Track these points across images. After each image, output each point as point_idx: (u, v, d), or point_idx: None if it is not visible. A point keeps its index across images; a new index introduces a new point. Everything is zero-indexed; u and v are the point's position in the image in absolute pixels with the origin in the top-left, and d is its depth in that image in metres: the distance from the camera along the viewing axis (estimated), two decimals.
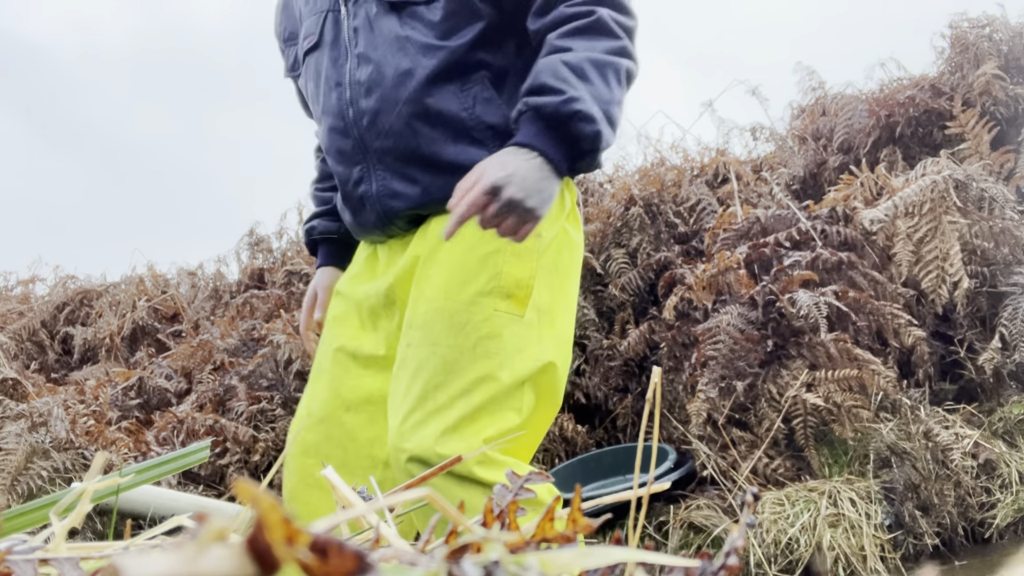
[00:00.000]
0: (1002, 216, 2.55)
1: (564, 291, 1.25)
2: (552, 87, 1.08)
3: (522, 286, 1.18)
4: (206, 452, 0.82)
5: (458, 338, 1.15)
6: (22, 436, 2.40)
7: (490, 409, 1.13)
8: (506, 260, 1.18)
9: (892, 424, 2.40)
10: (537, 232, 1.18)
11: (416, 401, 1.13)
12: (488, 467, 1.10)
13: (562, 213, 1.24)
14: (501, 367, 1.14)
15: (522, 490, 0.46)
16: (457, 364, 1.13)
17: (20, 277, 4.59)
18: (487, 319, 1.16)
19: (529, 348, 1.16)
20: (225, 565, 0.20)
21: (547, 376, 1.19)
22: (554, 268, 1.22)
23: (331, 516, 0.29)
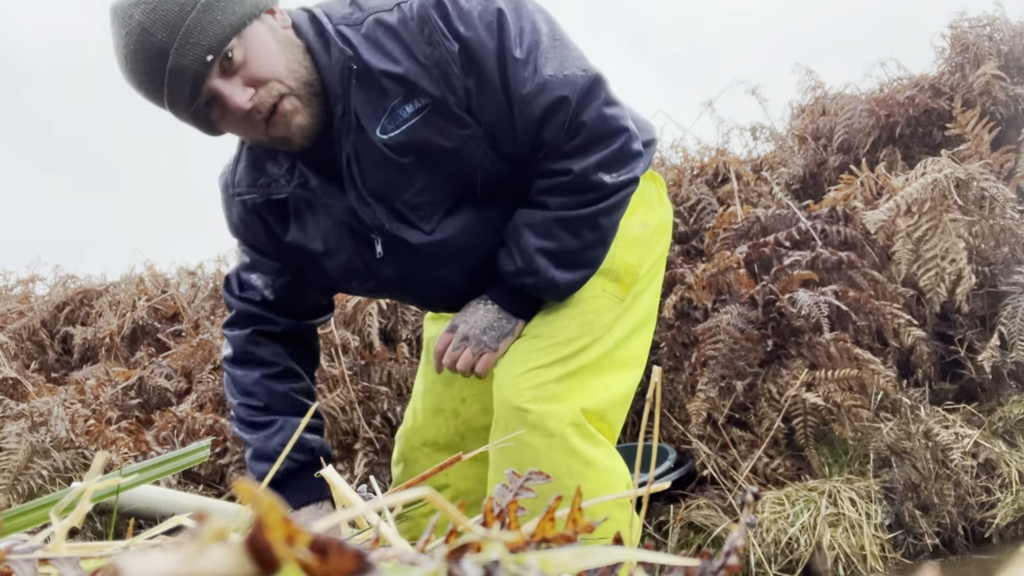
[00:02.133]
0: (1002, 215, 2.55)
1: (656, 275, 1.40)
2: (511, 256, 1.24)
3: (630, 272, 1.32)
4: (206, 452, 0.82)
5: (570, 307, 1.28)
6: (22, 436, 2.40)
7: (581, 378, 1.23)
8: (619, 247, 1.30)
9: (892, 424, 2.40)
10: (642, 222, 1.35)
11: (523, 356, 1.25)
12: (581, 434, 1.19)
13: (661, 207, 1.40)
14: (596, 342, 1.26)
15: (522, 490, 0.46)
16: (565, 333, 1.25)
17: (20, 277, 4.59)
18: (595, 296, 1.29)
19: (619, 329, 1.29)
20: (225, 565, 0.20)
21: (628, 354, 1.31)
22: (657, 259, 1.38)
23: (331, 516, 0.29)
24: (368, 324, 2.85)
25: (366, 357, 2.76)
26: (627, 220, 1.30)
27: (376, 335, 2.83)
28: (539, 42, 1.13)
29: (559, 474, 1.15)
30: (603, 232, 1.24)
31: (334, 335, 2.77)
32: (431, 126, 1.14)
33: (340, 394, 2.63)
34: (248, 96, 1.07)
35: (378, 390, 2.68)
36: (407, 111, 1.13)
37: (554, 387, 1.21)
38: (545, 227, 1.21)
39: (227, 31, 1.03)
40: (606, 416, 1.26)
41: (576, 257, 1.23)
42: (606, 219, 1.23)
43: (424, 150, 1.17)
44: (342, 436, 2.61)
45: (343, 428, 2.61)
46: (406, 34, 1.12)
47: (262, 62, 1.07)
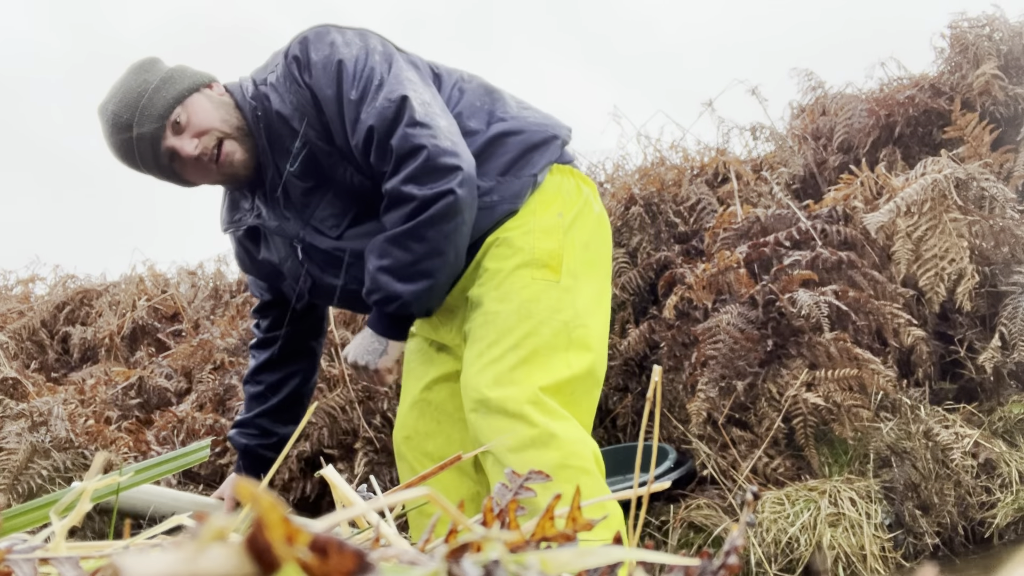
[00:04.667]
0: (1002, 215, 2.55)
1: (594, 260, 1.50)
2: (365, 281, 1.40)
3: (553, 256, 1.43)
4: (206, 451, 0.82)
5: (504, 304, 1.40)
6: (22, 435, 2.40)
7: (538, 361, 1.35)
8: (536, 237, 1.44)
9: (892, 423, 2.40)
10: (557, 212, 1.47)
11: (476, 357, 1.38)
12: (541, 410, 1.30)
13: (579, 198, 1.51)
14: (542, 324, 1.37)
15: (522, 489, 0.46)
16: (507, 325, 1.37)
17: (20, 276, 4.59)
18: (526, 285, 1.40)
19: (566, 308, 1.40)
20: (225, 564, 0.20)
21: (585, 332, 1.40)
22: (584, 243, 1.47)
23: (331, 515, 0.29)
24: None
25: None
26: (543, 212, 1.46)
27: None
28: (371, 82, 1.37)
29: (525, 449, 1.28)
30: (432, 244, 1.35)
31: (334, 334, 2.77)
32: (314, 155, 1.43)
33: (340, 393, 2.63)
34: (194, 145, 1.42)
35: (378, 389, 2.68)
36: (296, 145, 1.43)
37: (510, 373, 1.33)
38: (381, 248, 1.37)
39: (172, 102, 1.41)
40: (568, 392, 1.36)
41: (412, 270, 1.36)
42: (431, 231, 1.34)
43: (318, 174, 1.45)
44: (342, 436, 2.61)
45: (343, 428, 2.61)
46: (283, 81, 1.44)
47: (200, 118, 1.42)
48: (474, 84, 1.56)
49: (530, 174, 1.47)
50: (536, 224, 1.44)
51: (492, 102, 1.53)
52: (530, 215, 1.46)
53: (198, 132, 1.42)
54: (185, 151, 1.42)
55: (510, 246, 1.44)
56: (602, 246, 1.54)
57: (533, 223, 1.45)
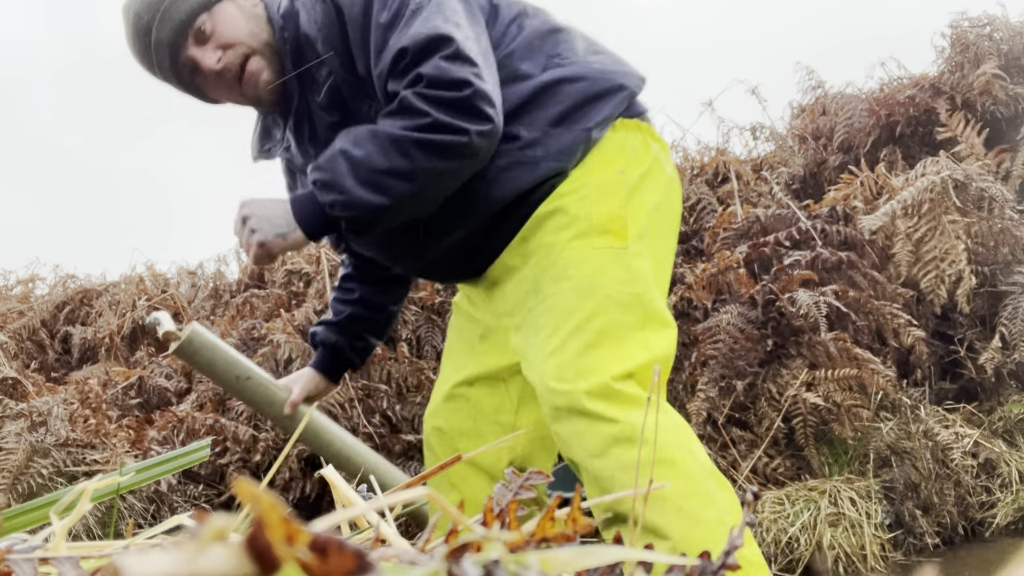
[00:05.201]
0: (1001, 216, 2.55)
1: (664, 227, 1.29)
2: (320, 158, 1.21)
3: (615, 219, 1.22)
4: (206, 451, 0.82)
5: (562, 283, 1.19)
6: (22, 435, 2.40)
7: (608, 344, 1.15)
8: (592, 201, 1.23)
9: (892, 423, 2.40)
10: (619, 168, 1.25)
11: (538, 350, 1.19)
12: (617, 401, 1.11)
13: (646, 156, 1.29)
14: (609, 299, 1.17)
15: (522, 489, 0.46)
16: (566, 306, 1.18)
17: (20, 276, 4.59)
18: (586, 258, 1.20)
19: (638, 278, 1.19)
20: (225, 564, 0.20)
21: (663, 306, 1.22)
22: (654, 206, 1.26)
23: (331, 515, 0.29)
24: None
25: None
26: (601, 171, 1.25)
27: None
28: (405, 6, 1.21)
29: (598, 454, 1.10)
30: (412, 165, 1.16)
31: None
32: (340, 84, 1.27)
33: (340, 392, 2.63)
34: (217, 58, 1.27)
35: (378, 388, 2.68)
36: (323, 73, 1.27)
37: (576, 362, 1.14)
38: (358, 136, 1.19)
39: (197, 8, 1.25)
40: (646, 376, 1.16)
41: (376, 176, 1.16)
42: (422, 154, 1.16)
43: (342, 108, 1.29)
44: None
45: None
46: (309, 2, 1.28)
47: (227, 28, 1.27)
48: (537, 21, 1.33)
49: (583, 128, 1.25)
50: (593, 185, 1.24)
51: (555, 43, 1.31)
52: (586, 176, 1.25)
53: (223, 44, 1.27)
54: (206, 64, 1.27)
55: (565, 215, 1.23)
56: (673, 213, 1.33)
57: (589, 185, 1.24)
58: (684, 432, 1.15)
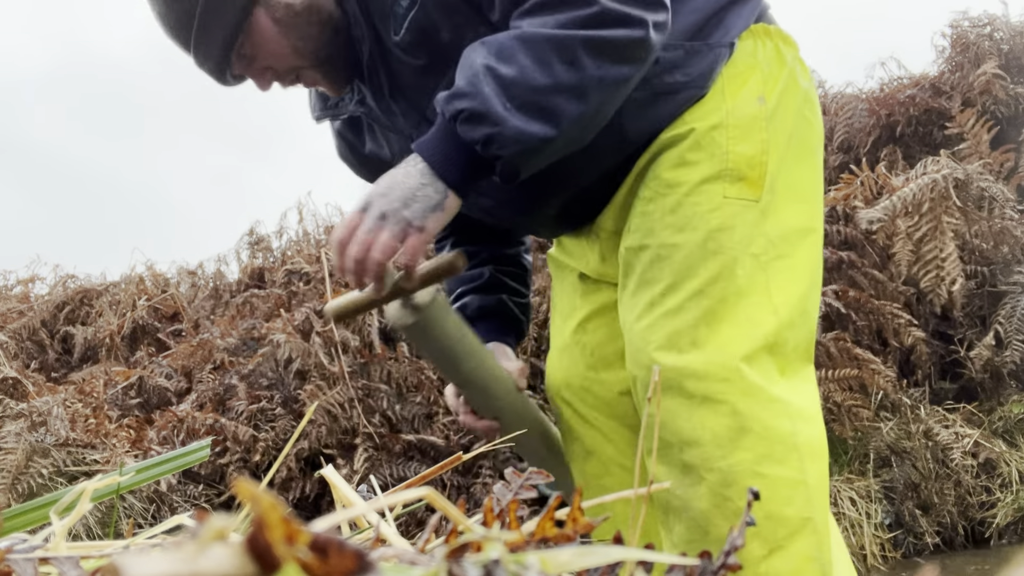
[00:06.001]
0: (1002, 215, 2.55)
1: (800, 157, 1.07)
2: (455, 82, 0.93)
3: (755, 164, 1.02)
4: (206, 451, 0.82)
5: (685, 234, 1.01)
6: (22, 435, 2.40)
7: (730, 315, 0.98)
8: (731, 136, 1.02)
9: (892, 423, 2.40)
10: (758, 94, 1.04)
11: (645, 307, 1.01)
12: (743, 389, 0.95)
13: (781, 69, 1.07)
14: (736, 263, 0.99)
15: (522, 489, 0.45)
16: (688, 264, 1.00)
17: (20, 276, 4.59)
18: (716, 208, 1.01)
19: (759, 237, 1.01)
20: (225, 564, 0.20)
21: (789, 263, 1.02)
22: (787, 136, 1.05)
23: (331, 515, 0.29)
24: (368, 323, 2.86)
25: (366, 356, 2.76)
26: (736, 94, 1.03)
27: (376, 334, 2.83)
28: None
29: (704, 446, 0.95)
30: (582, 75, 0.90)
31: (334, 333, 2.77)
32: (428, 17, 1.01)
33: (340, 391, 2.63)
34: (267, 78, 1.09)
35: (378, 388, 2.68)
36: (402, 6, 1.02)
37: (692, 332, 0.97)
38: (504, 46, 0.91)
39: (230, 32, 1.03)
40: (780, 348, 0.99)
41: (536, 97, 0.89)
42: (590, 59, 0.90)
43: (431, 46, 1.03)
44: (341, 434, 2.62)
45: (343, 426, 2.61)
46: None
47: (268, 53, 1.06)
48: None
49: (725, 43, 1.03)
50: (731, 114, 1.02)
51: None
52: (720, 100, 1.03)
53: (268, 66, 1.08)
54: (258, 86, 1.11)
55: (692, 148, 1.02)
56: (811, 135, 1.09)
57: (725, 113, 1.02)
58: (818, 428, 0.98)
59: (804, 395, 1.00)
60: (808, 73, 1.12)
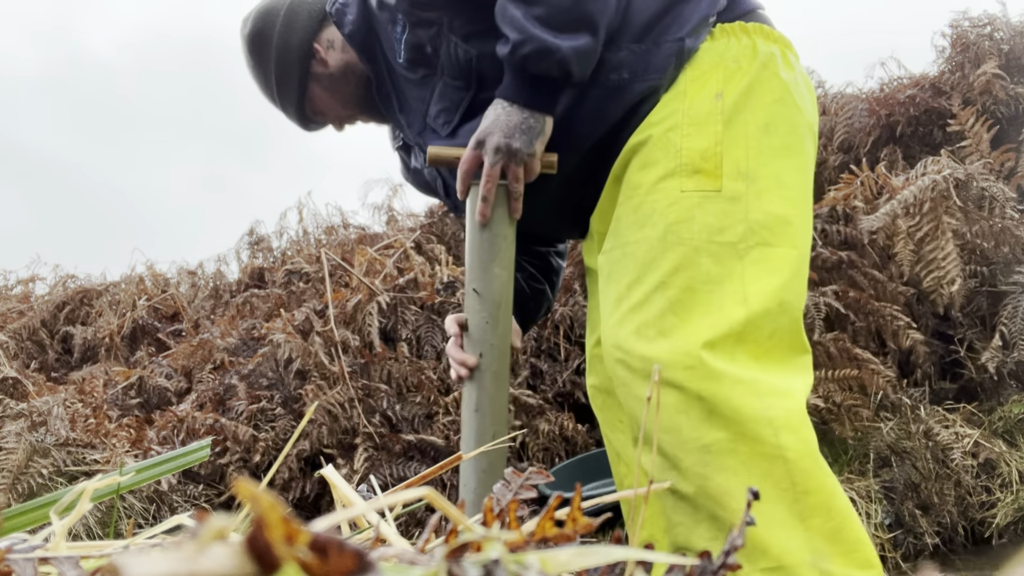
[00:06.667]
0: (1002, 215, 2.55)
1: (783, 146, 1.08)
2: (502, 32, 1.06)
3: (708, 156, 1.06)
4: (206, 451, 0.82)
5: (645, 230, 1.06)
6: (22, 435, 2.40)
7: (697, 302, 1.00)
8: (684, 133, 1.07)
9: (892, 423, 2.40)
10: (716, 91, 1.08)
11: (614, 303, 1.07)
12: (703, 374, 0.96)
13: (751, 63, 1.10)
14: (698, 252, 1.02)
15: (522, 489, 0.45)
16: (649, 257, 1.04)
17: (20, 276, 4.59)
18: (673, 203, 1.05)
19: (733, 224, 1.03)
20: (225, 564, 0.20)
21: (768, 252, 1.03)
22: (762, 126, 1.08)
23: (331, 515, 0.29)
24: (368, 323, 2.86)
25: (366, 356, 2.76)
26: (696, 94, 1.08)
27: (376, 334, 2.83)
28: None
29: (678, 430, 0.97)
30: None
31: (334, 333, 2.77)
32: (416, 36, 1.18)
33: (340, 391, 2.63)
34: (335, 124, 1.41)
35: (378, 388, 2.68)
36: (398, 30, 1.21)
37: (658, 322, 1.00)
38: None
39: (297, 100, 1.36)
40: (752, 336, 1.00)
41: (570, 16, 1.03)
42: None
43: (422, 60, 1.21)
44: (341, 434, 2.62)
45: (343, 426, 2.61)
46: None
47: (325, 109, 1.38)
48: None
49: (675, 38, 1.09)
50: (683, 113, 1.08)
51: None
52: (677, 100, 1.09)
53: (331, 118, 1.40)
54: (334, 128, 1.43)
55: (652, 149, 1.08)
56: (793, 124, 1.10)
57: (679, 112, 1.08)
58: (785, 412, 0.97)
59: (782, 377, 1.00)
60: (794, 66, 1.15)
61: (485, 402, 1.17)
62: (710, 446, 0.95)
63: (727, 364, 0.97)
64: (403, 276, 3.12)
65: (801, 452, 0.95)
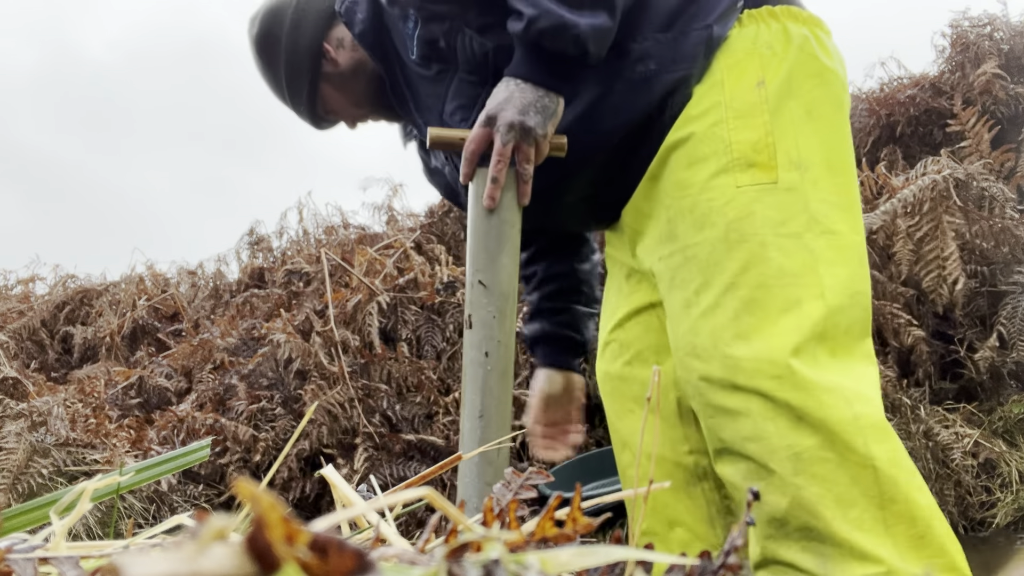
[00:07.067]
0: (1002, 215, 2.55)
1: (827, 131, 1.05)
2: (515, 8, 1.01)
3: (761, 148, 1.02)
4: (206, 451, 0.82)
5: (705, 231, 1.01)
6: (22, 435, 2.40)
7: (773, 300, 0.96)
8: (731, 127, 1.03)
9: (892, 423, 2.40)
10: (757, 79, 1.04)
11: (681, 310, 1.02)
12: (795, 387, 0.92)
13: (787, 48, 1.06)
14: (765, 247, 0.98)
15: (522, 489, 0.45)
16: (713, 259, 1.00)
17: (20, 276, 4.59)
18: (730, 200, 1.00)
19: (796, 215, 0.99)
20: (225, 564, 0.20)
21: (835, 239, 0.99)
22: (806, 111, 1.04)
23: (331, 515, 0.29)
24: (368, 324, 2.86)
25: (366, 356, 2.76)
26: (735, 84, 1.04)
27: (376, 334, 2.83)
28: None
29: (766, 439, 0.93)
30: None
31: (334, 333, 2.77)
32: (429, 31, 1.15)
33: (340, 391, 2.63)
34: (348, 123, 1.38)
35: (378, 388, 2.68)
36: (410, 26, 1.18)
37: (734, 325, 0.96)
38: None
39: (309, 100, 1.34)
40: (831, 333, 0.95)
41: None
42: None
43: (436, 56, 1.17)
44: (341, 434, 2.62)
45: (343, 426, 2.61)
46: None
47: (337, 109, 1.36)
48: None
49: (702, 26, 1.05)
50: (727, 106, 1.04)
51: None
52: (716, 92, 1.05)
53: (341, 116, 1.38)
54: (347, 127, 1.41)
55: (698, 146, 1.04)
56: (835, 108, 1.07)
57: (722, 105, 1.04)
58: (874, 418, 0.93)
59: (859, 376, 0.97)
60: (829, 48, 1.10)
61: (491, 407, 1.07)
62: (802, 454, 0.91)
63: (813, 370, 0.93)
64: (403, 276, 3.12)
65: (890, 461, 0.92)
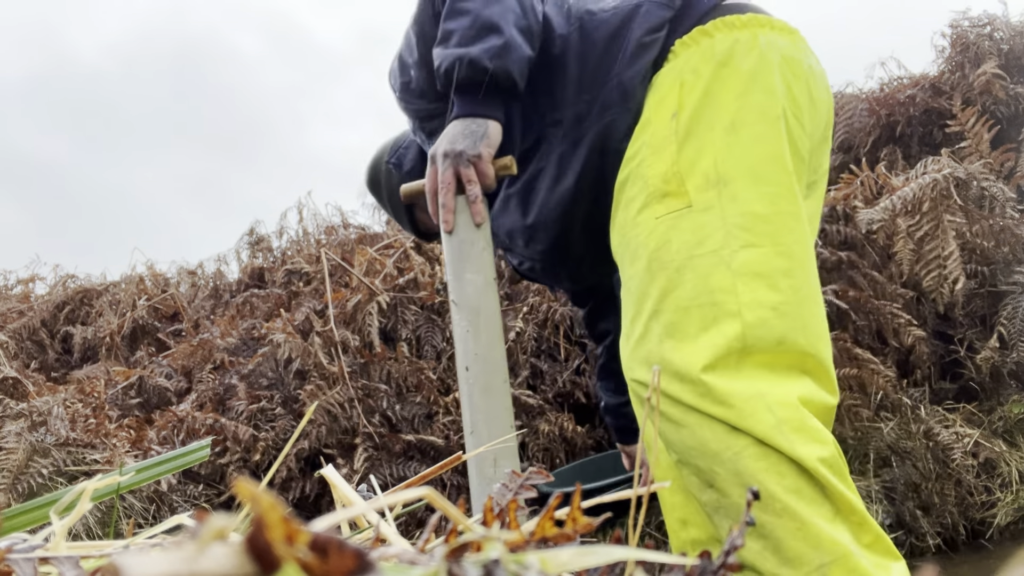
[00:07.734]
0: (1002, 215, 2.55)
1: (754, 139, 1.03)
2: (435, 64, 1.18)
3: (669, 178, 1.04)
4: (206, 451, 0.82)
5: (635, 265, 1.07)
6: (22, 435, 2.40)
7: (691, 322, 0.98)
8: (648, 163, 1.08)
9: (892, 423, 2.40)
10: (672, 110, 1.07)
11: (624, 340, 1.08)
12: (716, 401, 0.94)
13: (707, 66, 1.07)
14: (680, 271, 1.00)
15: (522, 489, 0.45)
16: (641, 289, 1.05)
17: (20, 276, 4.59)
18: (651, 232, 1.05)
19: (712, 234, 1.00)
20: (225, 564, 0.20)
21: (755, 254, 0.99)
22: (727, 126, 1.04)
23: (331, 515, 0.29)
24: (368, 324, 2.86)
25: (366, 356, 2.76)
26: (656, 118, 1.09)
27: (376, 334, 2.83)
28: None
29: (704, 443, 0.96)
30: None
31: (334, 333, 2.77)
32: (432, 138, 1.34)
33: (340, 391, 2.63)
34: None
35: (378, 388, 2.68)
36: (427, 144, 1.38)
37: (659, 352, 0.99)
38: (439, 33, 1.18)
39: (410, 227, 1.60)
40: (758, 346, 0.96)
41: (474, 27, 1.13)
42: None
43: None
44: (341, 434, 2.61)
45: (343, 426, 2.61)
46: None
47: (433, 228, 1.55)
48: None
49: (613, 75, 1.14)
50: (648, 143, 1.09)
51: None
52: (644, 132, 1.10)
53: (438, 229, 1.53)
54: None
55: (631, 186, 1.10)
56: (762, 112, 1.04)
57: (646, 144, 1.09)
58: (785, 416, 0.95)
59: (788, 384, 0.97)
60: (762, 48, 1.08)
61: (479, 423, 1.08)
62: (741, 452, 0.94)
63: (733, 382, 0.95)
64: (403, 276, 3.12)
65: (820, 460, 0.95)
